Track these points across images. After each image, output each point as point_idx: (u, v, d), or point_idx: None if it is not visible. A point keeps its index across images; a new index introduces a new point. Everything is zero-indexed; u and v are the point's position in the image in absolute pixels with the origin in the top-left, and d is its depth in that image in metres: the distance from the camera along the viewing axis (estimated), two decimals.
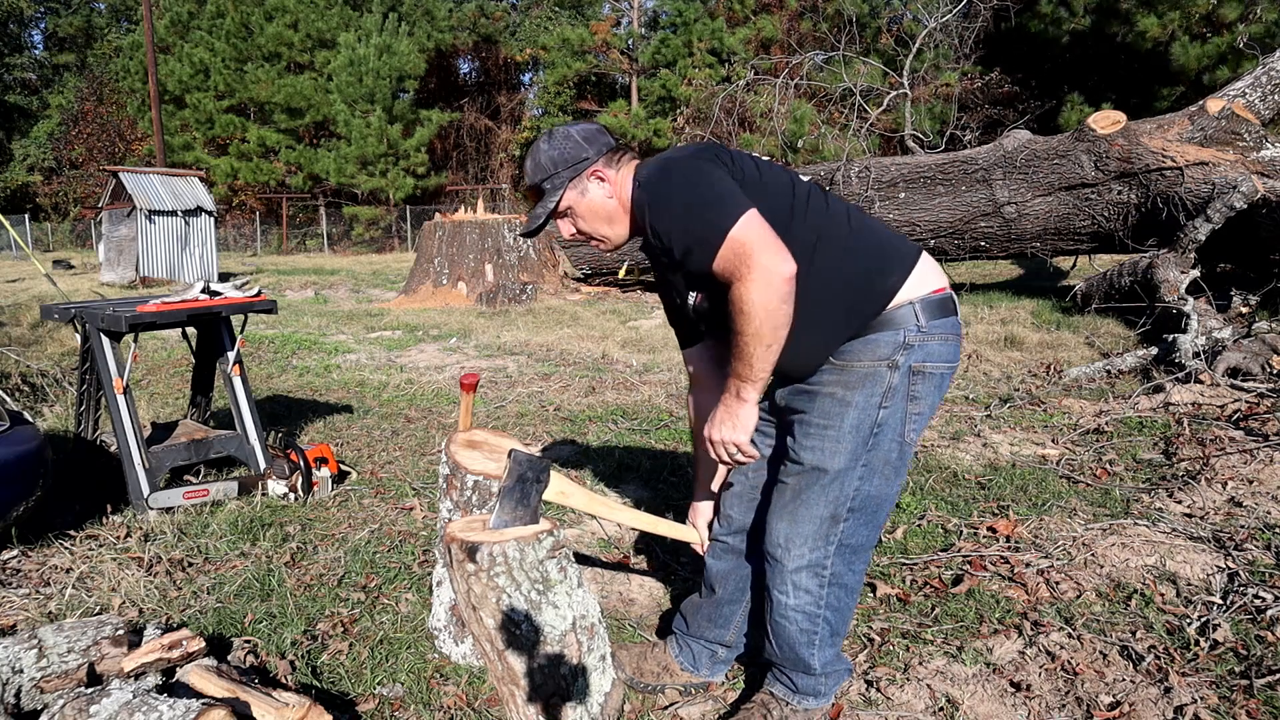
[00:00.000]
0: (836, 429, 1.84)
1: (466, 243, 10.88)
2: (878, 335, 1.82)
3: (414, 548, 3.13)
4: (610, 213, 1.94)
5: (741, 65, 21.97)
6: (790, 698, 2.03)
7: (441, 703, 2.18)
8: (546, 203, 1.93)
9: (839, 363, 1.85)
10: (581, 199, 1.93)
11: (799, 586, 1.93)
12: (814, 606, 1.94)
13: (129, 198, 16.02)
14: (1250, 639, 2.34)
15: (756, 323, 1.70)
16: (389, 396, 5.62)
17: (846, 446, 1.84)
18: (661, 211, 1.81)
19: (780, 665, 2.04)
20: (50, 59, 40.68)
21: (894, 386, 1.83)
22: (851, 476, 1.86)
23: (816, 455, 1.86)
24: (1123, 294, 7.13)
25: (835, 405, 1.84)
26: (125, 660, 2.02)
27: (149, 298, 3.82)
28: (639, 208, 1.87)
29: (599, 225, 1.96)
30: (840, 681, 2.08)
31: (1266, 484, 3.43)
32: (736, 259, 1.70)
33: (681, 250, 1.80)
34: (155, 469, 3.49)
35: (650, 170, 1.88)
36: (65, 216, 35.26)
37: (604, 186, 1.93)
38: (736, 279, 1.71)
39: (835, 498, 1.87)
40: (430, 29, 30.60)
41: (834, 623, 1.97)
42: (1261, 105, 8.11)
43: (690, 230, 1.76)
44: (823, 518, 1.88)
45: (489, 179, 32.42)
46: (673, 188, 1.80)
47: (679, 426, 4.69)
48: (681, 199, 1.78)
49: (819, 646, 1.97)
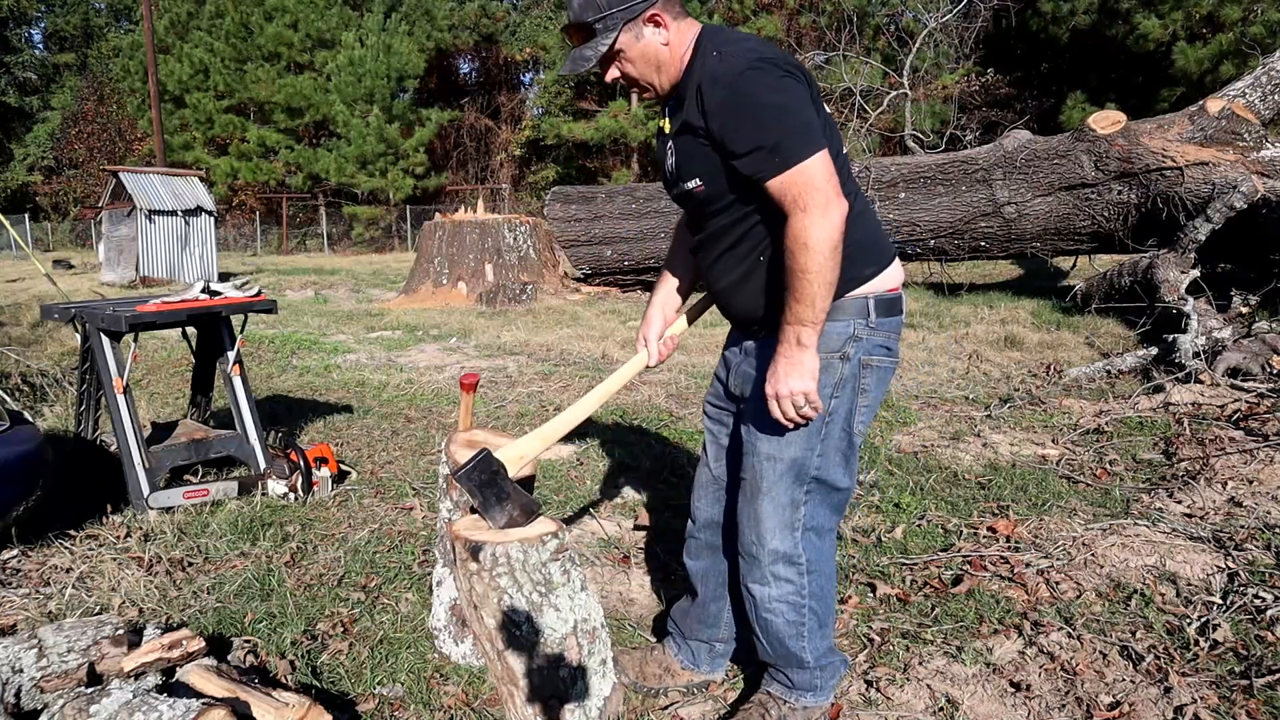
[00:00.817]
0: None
1: (466, 243, 10.87)
2: (829, 324, 1.80)
3: (414, 548, 3.13)
4: (664, 61, 1.84)
5: None
6: (788, 695, 2.02)
7: (441, 703, 2.18)
8: (598, 44, 1.81)
9: None
10: (636, 43, 1.82)
11: (779, 577, 1.92)
12: (797, 596, 1.93)
13: (129, 197, 16.02)
14: (1250, 639, 2.34)
15: (820, 259, 1.68)
16: (389, 396, 5.62)
17: (800, 435, 1.85)
18: (740, 98, 1.71)
19: (775, 664, 2.03)
20: (50, 59, 40.67)
21: (845, 378, 1.85)
22: (808, 464, 1.87)
23: (771, 445, 1.88)
24: (1123, 294, 7.13)
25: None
26: (125, 660, 2.02)
27: (149, 298, 3.82)
28: (709, 77, 1.76)
29: (649, 72, 1.86)
30: (837, 677, 2.07)
31: (1266, 484, 3.43)
32: (807, 190, 1.67)
33: (745, 145, 1.71)
34: (155, 469, 3.49)
35: (738, 50, 1.76)
36: (65, 216, 35.25)
37: (660, 32, 1.82)
38: (800, 209, 1.68)
39: (793, 485, 1.88)
40: (430, 29, 30.59)
41: (820, 612, 1.97)
42: (1261, 105, 8.11)
43: (766, 133, 1.69)
44: (784, 505, 1.89)
45: (489, 179, 32.43)
46: (761, 84, 1.70)
47: (679, 426, 4.69)
48: (771, 100, 1.70)
49: (808, 638, 1.96)
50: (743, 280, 1.90)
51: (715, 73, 1.75)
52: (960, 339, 7.03)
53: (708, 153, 1.80)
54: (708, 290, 2.06)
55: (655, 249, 10.67)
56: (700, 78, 1.78)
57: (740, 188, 1.79)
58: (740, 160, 1.74)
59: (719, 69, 1.75)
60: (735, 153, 1.74)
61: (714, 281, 1.98)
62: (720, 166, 1.79)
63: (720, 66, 1.75)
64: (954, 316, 8.04)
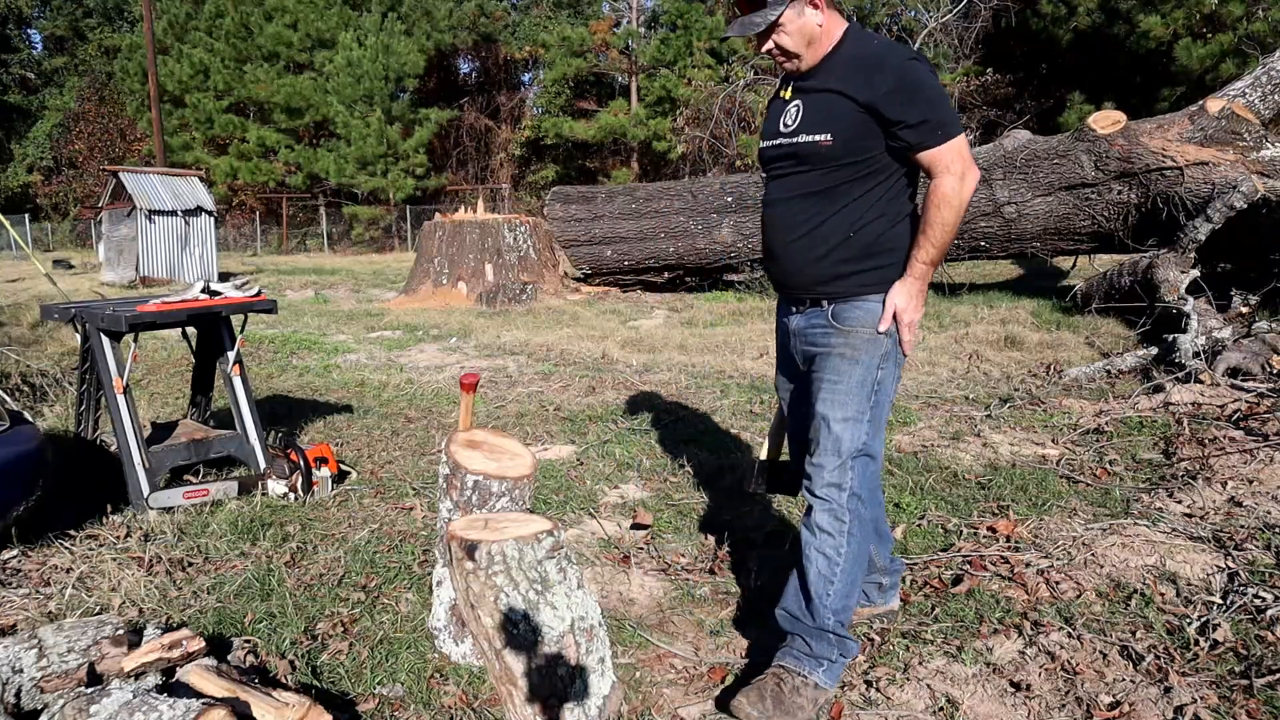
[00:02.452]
0: (846, 384, 2.12)
1: (466, 243, 10.87)
2: (875, 301, 2.13)
3: (414, 548, 3.13)
4: (815, 37, 2.13)
5: (741, 64, 21.95)
6: (801, 667, 2.13)
7: (441, 703, 2.18)
8: (767, 14, 2.09)
9: (845, 329, 2.14)
10: (797, 19, 2.10)
11: (823, 529, 2.14)
12: (834, 551, 2.13)
13: (129, 198, 16.01)
14: (1250, 639, 2.34)
15: (954, 214, 2.06)
16: (389, 396, 5.62)
17: (854, 400, 2.12)
18: (914, 79, 2.03)
19: (793, 627, 2.18)
20: (48, 58, 40.64)
21: (888, 351, 2.14)
22: (859, 427, 2.12)
23: (828, 405, 2.13)
24: (1123, 294, 7.13)
25: (845, 364, 2.13)
26: (125, 660, 2.02)
27: (149, 298, 3.82)
28: (875, 57, 2.07)
29: (800, 45, 2.13)
30: (846, 661, 2.18)
31: (1266, 484, 3.42)
32: (959, 160, 2.05)
33: (917, 117, 2.03)
34: (155, 469, 3.49)
35: (889, 42, 2.14)
36: (65, 216, 35.23)
37: (818, 14, 2.11)
38: (950, 173, 2.05)
39: (846, 446, 2.11)
40: (430, 28, 30.56)
41: (851, 576, 2.14)
42: (1261, 105, 8.10)
43: (934, 110, 2.04)
44: (836, 466, 2.12)
45: (489, 179, 32.39)
46: (925, 71, 2.06)
47: (679, 426, 4.69)
48: (936, 85, 2.06)
49: (834, 596, 2.13)
50: (829, 246, 2.16)
51: (882, 55, 2.07)
52: (960, 339, 7.03)
53: (854, 118, 2.07)
54: (774, 249, 2.29)
55: (655, 249, 10.68)
56: (862, 57, 2.09)
57: (866, 152, 2.09)
58: (909, 129, 2.05)
59: (885, 52, 2.08)
60: (906, 122, 2.04)
61: (790, 237, 2.22)
62: (858, 130, 2.08)
63: (885, 51, 2.08)
64: (954, 316, 8.04)
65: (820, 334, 2.19)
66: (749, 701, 2.06)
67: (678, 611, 2.70)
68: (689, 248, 10.53)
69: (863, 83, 2.06)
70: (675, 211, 10.57)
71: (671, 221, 10.57)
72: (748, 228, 10.26)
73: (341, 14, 29.08)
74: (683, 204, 10.56)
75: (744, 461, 4.02)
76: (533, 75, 35.35)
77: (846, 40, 2.14)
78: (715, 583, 2.87)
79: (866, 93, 2.05)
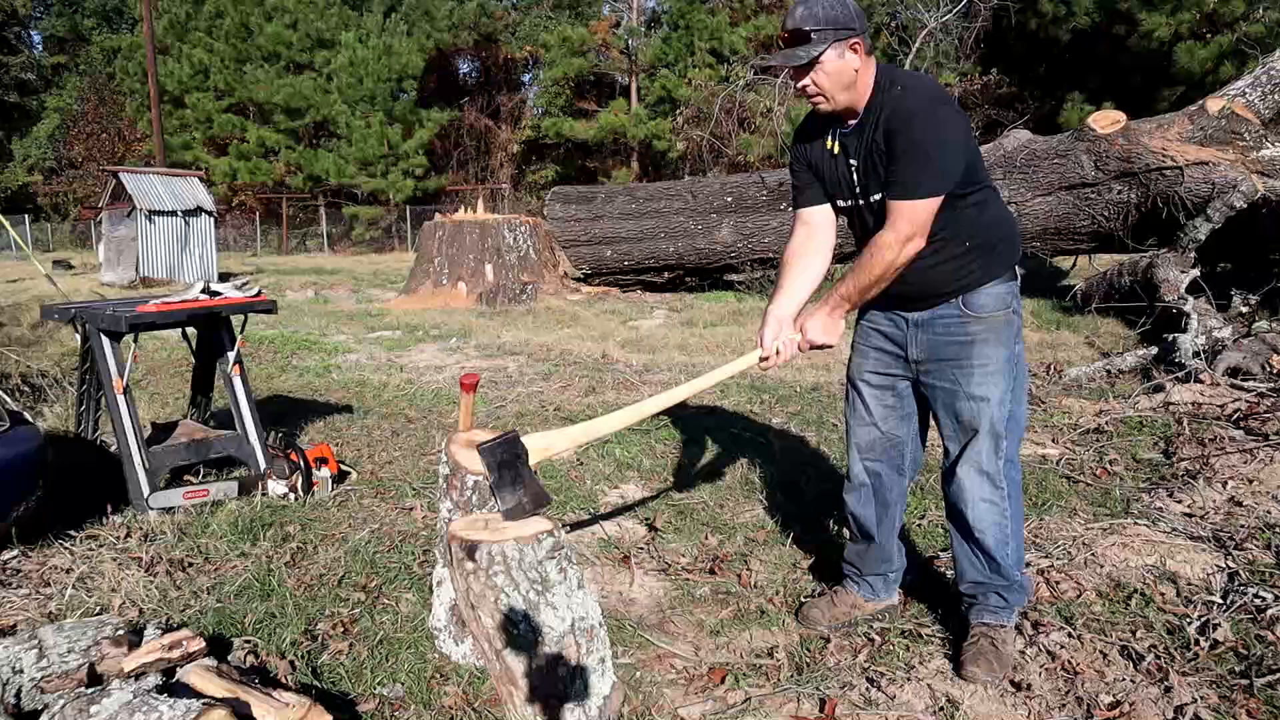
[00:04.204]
0: (995, 365, 2.30)
1: (466, 243, 10.87)
2: (999, 286, 2.31)
3: (414, 548, 3.13)
4: (850, 82, 2.21)
5: (742, 64, 21.95)
6: (999, 619, 2.36)
7: (441, 703, 2.18)
8: (810, 50, 2.16)
9: (978, 315, 2.31)
10: (838, 61, 2.18)
11: (986, 500, 2.34)
12: (1000, 516, 2.34)
13: (129, 198, 16.01)
14: (1250, 638, 2.34)
15: (882, 268, 2.20)
16: (389, 396, 5.62)
17: (1003, 378, 2.31)
18: (923, 134, 2.14)
19: (981, 589, 2.38)
20: (48, 58, 40.62)
21: (1017, 328, 2.36)
22: (1006, 401, 2.32)
23: (983, 388, 2.31)
24: (1123, 294, 7.13)
25: (990, 348, 2.30)
26: (125, 660, 2.02)
27: (149, 298, 3.82)
28: (900, 107, 2.16)
29: (837, 88, 2.21)
30: (1027, 596, 2.45)
31: (1266, 484, 3.42)
32: (909, 224, 2.16)
33: (893, 162, 2.17)
34: (155, 469, 3.49)
35: (926, 86, 2.22)
36: (65, 217, 35.22)
37: (856, 59, 2.19)
38: (894, 229, 2.17)
39: (997, 420, 2.31)
40: (430, 29, 30.53)
41: (1018, 533, 2.38)
42: (1261, 105, 8.09)
43: (915, 169, 2.14)
44: (990, 438, 2.32)
45: (489, 179, 32.38)
46: (941, 128, 2.15)
47: (679, 426, 4.69)
48: (937, 143, 2.14)
49: (1011, 550, 2.36)
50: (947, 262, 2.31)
51: (910, 109, 2.15)
52: None
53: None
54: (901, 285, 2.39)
55: (655, 249, 10.67)
56: (894, 107, 2.17)
57: None
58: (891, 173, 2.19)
59: (914, 106, 2.15)
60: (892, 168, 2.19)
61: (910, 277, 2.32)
62: None
63: (906, 96, 2.17)
64: None
65: (956, 323, 2.33)
66: (981, 668, 2.25)
67: (678, 611, 2.70)
68: (689, 248, 10.53)
69: (891, 133, 2.18)
70: (675, 211, 10.57)
71: (671, 221, 10.57)
72: (748, 228, 10.26)
73: (342, 14, 29.06)
74: (683, 204, 10.56)
75: (744, 461, 4.02)
76: (533, 75, 35.35)
77: (883, 90, 2.22)
78: (715, 583, 2.87)
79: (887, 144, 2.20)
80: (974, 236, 2.29)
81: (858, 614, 2.58)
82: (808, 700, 2.21)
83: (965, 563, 2.42)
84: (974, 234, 2.29)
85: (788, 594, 2.77)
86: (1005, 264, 2.34)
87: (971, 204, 2.28)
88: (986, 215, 2.32)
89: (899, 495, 2.58)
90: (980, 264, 2.31)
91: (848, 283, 2.26)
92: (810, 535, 3.20)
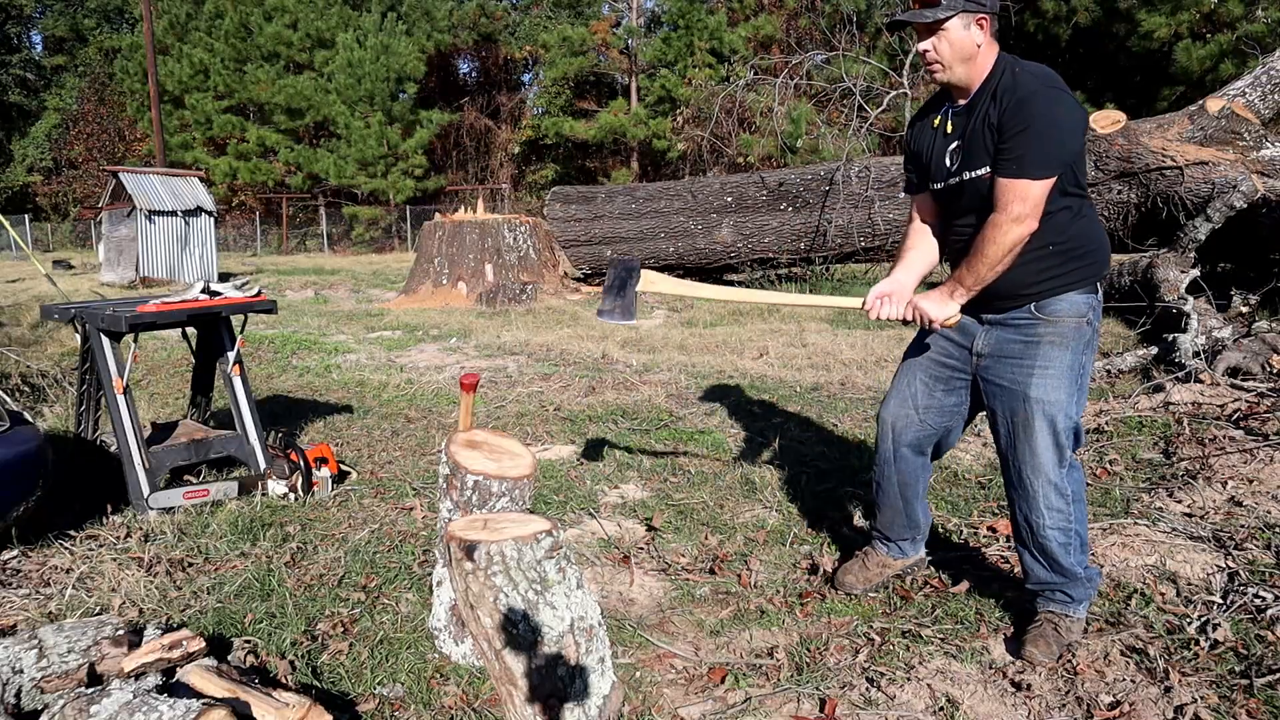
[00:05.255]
0: (1057, 369, 2.29)
1: (466, 243, 10.87)
2: (1078, 295, 2.30)
3: (414, 548, 3.13)
4: (971, 57, 2.24)
5: (742, 64, 21.93)
6: (1067, 609, 2.39)
7: (441, 703, 2.18)
8: (937, 12, 2.20)
9: (1050, 319, 2.30)
10: (963, 31, 2.22)
11: (1051, 507, 2.34)
12: (1065, 522, 2.35)
13: (129, 198, 16.00)
14: (1250, 638, 2.34)
15: (997, 251, 2.21)
16: (389, 396, 5.62)
17: (1065, 383, 2.30)
18: (1037, 112, 2.13)
19: (1048, 587, 2.40)
20: (47, 59, 40.60)
21: (1090, 340, 2.34)
22: (1070, 408, 2.30)
23: (1042, 390, 2.30)
24: (1123, 294, 7.13)
25: (1055, 351, 2.30)
26: (125, 660, 2.02)
27: (149, 298, 3.82)
28: (1020, 85, 2.17)
29: (956, 59, 2.25)
30: (1095, 588, 2.44)
31: (1266, 483, 3.42)
32: (1019, 202, 2.16)
33: (1007, 139, 2.17)
34: (155, 469, 3.49)
35: (1048, 74, 2.19)
36: (65, 216, 35.22)
37: (982, 35, 2.23)
38: (1004, 211, 2.18)
39: (1058, 426, 2.30)
40: (430, 29, 30.54)
41: (1082, 534, 2.38)
42: (1261, 105, 8.09)
43: (1029, 146, 2.13)
44: (1052, 445, 2.31)
45: (489, 179, 32.38)
46: (1059, 109, 2.15)
47: (679, 426, 4.69)
48: (1054, 123, 2.14)
49: (1075, 554, 2.37)
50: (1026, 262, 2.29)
51: (1029, 89, 2.16)
52: None
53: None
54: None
55: (655, 249, 10.68)
56: (1013, 90, 2.17)
57: None
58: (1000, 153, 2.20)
59: (1032, 85, 2.16)
60: (1003, 147, 2.19)
61: None
62: None
63: (1031, 81, 2.17)
64: None
65: (1026, 323, 2.33)
66: (1040, 650, 2.31)
67: (678, 611, 2.70)
68: (689, 248, 10.53)
69: (1004, 112, 2.19)
70: (675, 211, 10.57)
71: (671, 221, 10.57)
72: (748, 228, 10.26)
73: (341, 14, 29.06)
74: (683, 204, 10.56)
75: (744, 461, 4.02)
76: (533, 75, 35.35)
77: (1002, 73, 2.23)
78: (715, 583, 2.87)
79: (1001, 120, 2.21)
80: (1059, 241, 2.28)
81: (888, 572, 2.74)
82: (808, 700, 2.21)
83: (1031, 564, 2.43)
84: (1059, 239, 2.28)
85: (788, 594, 2.77)
86: (1088, 276, 2.32)
87: (1064, 207, 2.26)
88: (1077, 224, 2.30)
89: (924, 473, 2.67)
90: (1061, 270, 2.30)
91: (963, 268, 2.29)
92: (810, 535, 3.20)
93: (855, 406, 5.00)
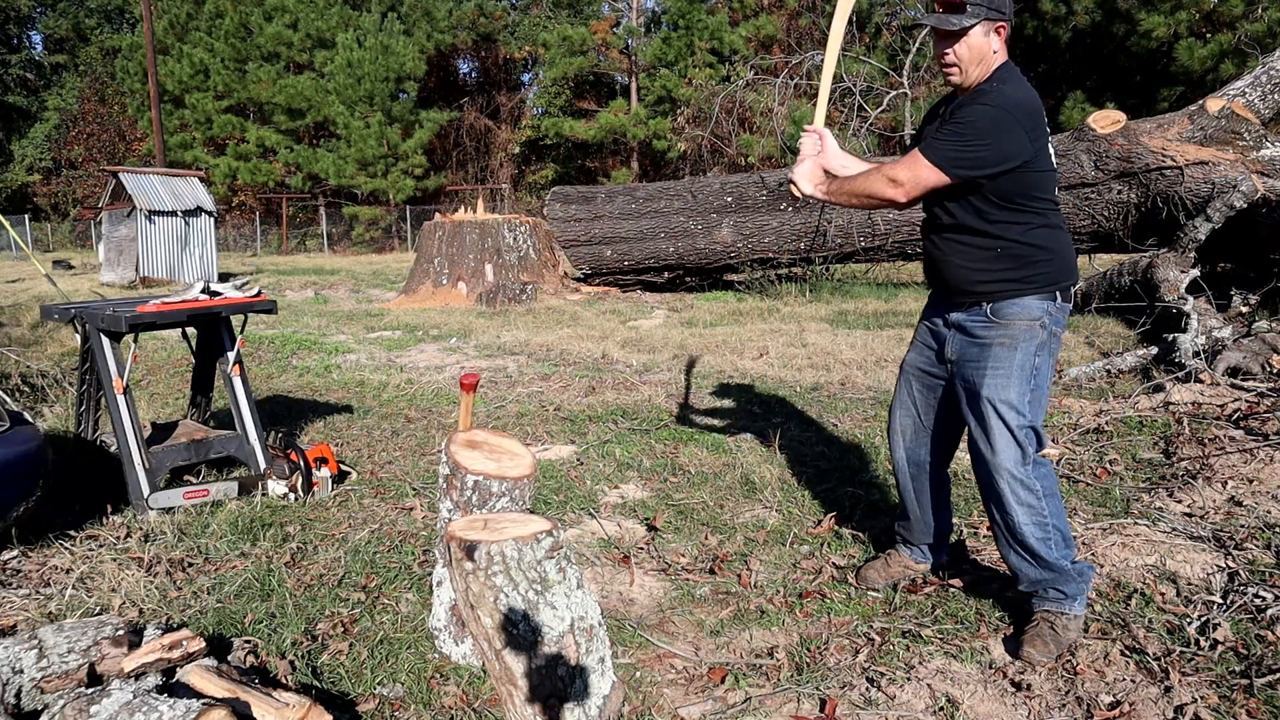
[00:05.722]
0: (1007, 368, 2.37)
1: (466, 243, 10.87)
2: (1033, 300, 2.36)
3: (414, 548, 3.13)
4: (986, 63, 2.35)
5: (742, 64, 21.93)
6: (1060, 606, 2.40)
7: (441, 703, 2.18)
8: (962, 20, 2.30)
9: (1002, 322, 2.38)
10: (982, 39, 2.32)
11: (1022, 503, 2.38)
12: (1040, 516, 2.38)
13: (129, 198, 16.00)
14: (1250, 638, 2.34)
15: (859, 189, 2.42)
16: (389, 396, 5.62)
17: (1015, 382, 2.36)
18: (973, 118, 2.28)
19: (1038, 585, 2.42)
20: (47, 58, 40.59)
21: (1044, 343, 2.39)
22: (1022, 405, 2.36)
23: (993, 389, 2.37)
24: (1123, 294, 7.13)
25: (1005, 351, 2.38)
26: (125, 660, 2.02)
27: (149, 298, 3.82)
28: (984, 94, 2.30)
29: (972, 64, 2.35)
30: (1088, 583, 2.44)
31: (1266, 483, 3.42)
32: (906, 168, 2.33)
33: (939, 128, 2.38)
34: (155, 469, 3.49)
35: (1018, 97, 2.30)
36: (65, 217, 35.21)
37: (997, 42, 2.34)
38: (892, 168, 2.36)
39: (1011, 423, 2.36)
40: (429, 29, 30.52)
41: (1061, 530, 2.40)
42: (1261, 105, 8.10)
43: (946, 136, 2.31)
44: (1011, 442, 2.37)
45: (489, 179, 32.38)
46: (993, 127, 2.26)
47: (679, 426, 4.69)
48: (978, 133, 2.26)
49: (1056, 547, 2.39)
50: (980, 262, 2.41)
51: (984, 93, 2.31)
52: None
53: None
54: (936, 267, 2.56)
55: (655, 249, 10.67)
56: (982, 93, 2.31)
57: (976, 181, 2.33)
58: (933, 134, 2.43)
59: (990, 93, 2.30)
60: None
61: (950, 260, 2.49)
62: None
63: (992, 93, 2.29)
64: None
65: (981, 327, 2.42)
66: (1037, 650, 2.33)
67: (678, 611, 2.70)
68: (689, 248, 10.53)
69: (958, 108, 2.34)
70: (675, 211, 10.57)
71: (671, 221, 10.57)
72: (748, 228, 10.25)
73: (341, 14, 29.05)
74: (683, 204, 10.55)
75: (744, 461, 4.02)
76: (533, 75, 35.34)
77: (992, 80, 2.34)
78: (715, 583, 2.87)
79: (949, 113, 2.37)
80: (1009, 246, 2.36)
81: (910, 573, 2.80)
82: (808, 700, 2.21)
83: (1018, 564, 2.47)
84: (1008, 244, 2.36)
85: (788, 594, 2.77)
86: (1043, 282, 2.37)
87: (1012, 217, 2.35)
88: (1034, 234, 2.37)
89: (937, 479, 2.73)
90: (1014, 274, 2.37)
91: (840, 178, 2.52)
92: (810, 535, 3.20)
93: (855, 406, 5.00)
